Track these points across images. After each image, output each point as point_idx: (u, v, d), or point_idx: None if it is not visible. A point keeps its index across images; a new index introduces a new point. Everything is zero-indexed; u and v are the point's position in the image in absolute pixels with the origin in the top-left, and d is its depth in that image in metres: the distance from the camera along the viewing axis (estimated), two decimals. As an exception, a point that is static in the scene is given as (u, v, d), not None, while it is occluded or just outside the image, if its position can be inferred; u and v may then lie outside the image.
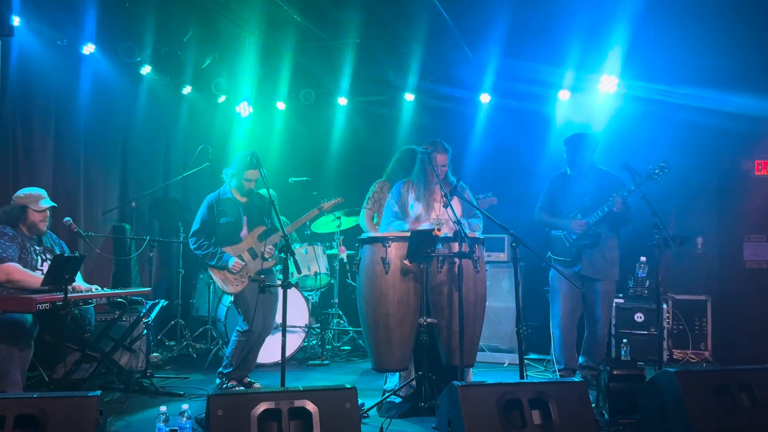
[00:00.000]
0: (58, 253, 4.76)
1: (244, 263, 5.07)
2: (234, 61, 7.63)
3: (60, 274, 4.14)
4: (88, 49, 6.40)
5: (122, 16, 6.42)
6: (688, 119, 6.67)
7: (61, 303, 4.11)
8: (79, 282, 4.75)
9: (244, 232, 5.17)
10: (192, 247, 5.14)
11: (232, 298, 5.24)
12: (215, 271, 5.10)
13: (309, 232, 7.06)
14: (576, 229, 5.23)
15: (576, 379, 4.15)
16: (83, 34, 6.29)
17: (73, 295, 4.35)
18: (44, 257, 4.65)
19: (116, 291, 4.97)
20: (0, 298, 4.13)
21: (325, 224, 7.00)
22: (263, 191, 5.39)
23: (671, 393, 3.54)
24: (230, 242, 5.12)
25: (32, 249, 4.58)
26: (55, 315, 4.23)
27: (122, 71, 6.90)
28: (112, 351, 4.94)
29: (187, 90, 7.84)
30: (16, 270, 4.31)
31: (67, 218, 5.15)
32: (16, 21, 5.55)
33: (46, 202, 4.64)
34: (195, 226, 5.13)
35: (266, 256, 5.10)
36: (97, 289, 4.76)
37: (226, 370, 5.06)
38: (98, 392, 3.02)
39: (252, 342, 5.05)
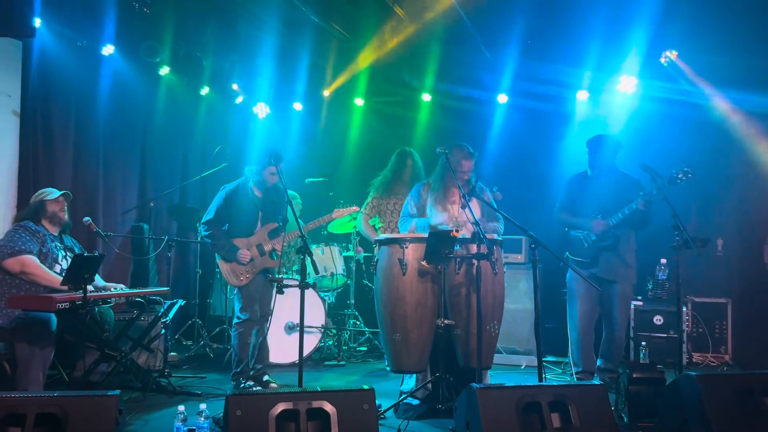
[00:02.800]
0: (78, 252, 4.81)
1: (251, 256, 5.10)
2: (252, 62, 7.66)
3: (79, 274, 4.16)
4: (108, 50, 6.46)
5: (141, 18, 6.46)
6: (707, 119, 6.60)
7: (80, 302, 4.14)
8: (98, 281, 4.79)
9: (258, 227, 5.20)
10: (203, 233, 5.19)
11: (236, 289, 5.26)
12: (222, 262, 5.14)
13: (325, 232, 7.07)
14: (597, 229, 5.19)
15: (596, 382, 4.11)
16: (103, 35, 6.35)
17: (93, 294, 4.37)
18: (66, 253, 4.71)
19: (135, 291, 5.00)
20: (21, 297, 4.17)
21: (342, 225, 7.00)
22: (292, 192, 5.42)
23: (693, 396, 3.50)
24: (241, 235, 5.16)
25: (53, 245, 4.63)
26: (74, 314, 4.26)
27: (141, 72, 6.95)
28: (131, 350, 4.97)
29: (205, 91, 7.88)
30: (32, 263, 4.37)
31: (87, 218, 5.19)
32: (37, 22, 5.61)
33: (58, 191, 4.74)
34: (209, 214, 5.15)
35: (275, 255, 5.14)
36: (116, 289, 4.80)
37: (238, 368, 5.08)
38: (117, 391, 3.04)
39: (250, 329, 5.08)
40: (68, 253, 4.74)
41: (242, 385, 5.04)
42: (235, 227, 5.16)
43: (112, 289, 4.76)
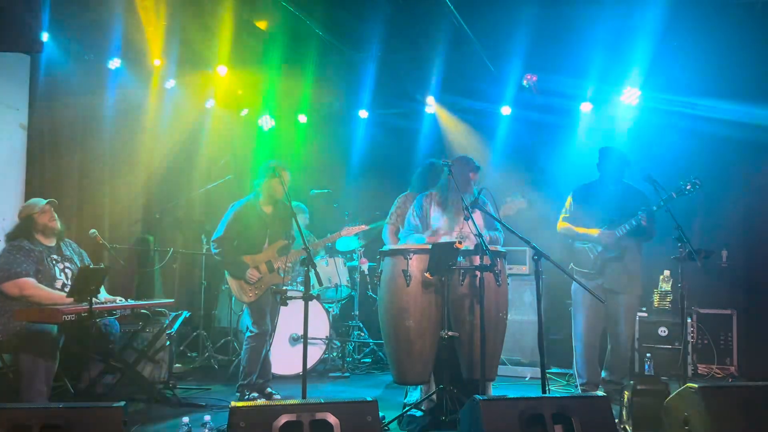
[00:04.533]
0: (77, 261, 4.80)
1: (260, 275, 5.12)
2: (257, 75, 7.70)
3: (85, 286, 4.19)
4: (114, 63, 6.51)
5: (147, 32, 6.51)
6: (711, 131, 6.60)
7: (86, 314, 4.16)
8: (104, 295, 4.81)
9: (266, 244, 5.22)
10: (213, 251, 5.21)
11: (245, 304, 5.28)
12: (232, 280, 5.16)
13: (330, 244, 7.08)
14: (604, 240, 5.18)
15: (599, 394, 4.10)
16: (109, 48, 6.40)
17: (98, 306, 4.39)
18: (63, 266, 4.68)
19: (140, 302, 5.02)
20: (27, 309, 4.19)
21: (347, 237, 7.01)
22: (294, 202, 5.43)
23: (695, 409, 3.48)
24: (250, 252, 5.17)
25: (50, 259, 4.60)
26: (80, 326, 4.28)
27: (147, 85, 6.98)
28: (136, 362, 4.98)
29: (210, 104, 7.92)
30: (29, 285, 4.35)
31: (93, 230, 5.22)
32: (44, 37, 5.66)
33: (42, 200, 4.70)
34: (219, 232, 5.18)
35: (282, 272, 5.16)
36: (121, 301, 4.82)
37: (246, 380, 5.08)
38: (123, 403, 3.04)
39: (262, 343, 5.12)
40: (67, 265, 4.71)
41: (246, 396, 5.05)
42: (243, 244, 5.18)
43: (118, 301, 4.78)
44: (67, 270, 4.70)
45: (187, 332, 6.99)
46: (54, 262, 4.65)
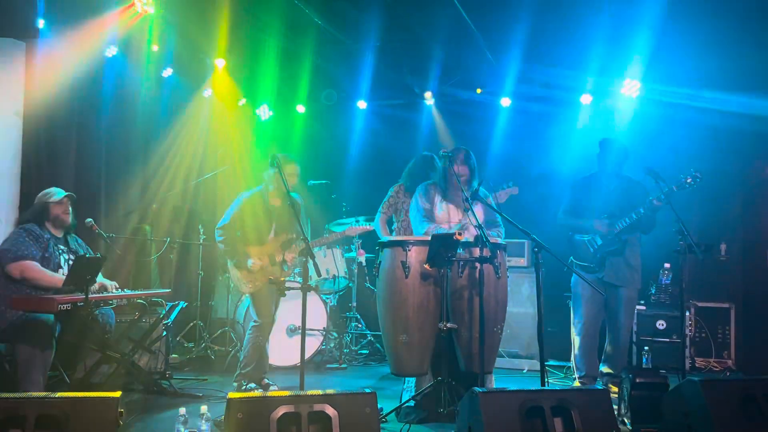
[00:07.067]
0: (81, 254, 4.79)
1: (261, 264, 5.09)
2: (254, 65, 7.66)
3: (81, 275, 4.16)
4: (111, 51, 6.44)
5: (144, 19, 6.45)
6: (711, 123, 6.58)
7: (82, 303, 4.13)
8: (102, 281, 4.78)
9: (270, 236, 5.19)
10: (217, 239, 5.18)
11: (248, 295, 5.26)
12: (233, 268, 5.14)
13: (327, 234, 7.04)
14: (600, 229, 5.16)
15: (599, 387, 4.08)
16: (106, 36, 6.33)
17: (94, 295, 4.36)
18: (69, 257, 4.67)
19: (136, 292, 4.99)
20: (22, 298, 4.16)
21: (345, 227, 6.98)
22: (295, 194, 5.41)
23: (696, 402, 3.47)
24: (253, 243, 5.15)
25: (56, 248, 4.60)
26: (76, 315, 4.25)
27: (144, 74, 6.93)
28: (132, 352, 4.96)
29: (207, 93, 7.86)
30: (32, 268, 4.33)
31: (89, 219, 5.18)
32: (40, 23, 5.61)
33: (62, 192, 4.69)
34: (225, 219, 5.16)
35: (285, 266, 5.13)
36: (117, 291, 4.78)
37: (245, 370, 5.07)
38: (118, 393, 3.02)
39: (267, 333, 5.13)
40: (71, 257, 4.70)
41: (244, 387, 5.03)
42: (247, 234, 5.16)
43: (113, 290, 4.74)
44: (71, 261, 4.66)
45: (183, 322, 6.96)
46: (60, 251, 4.63)
